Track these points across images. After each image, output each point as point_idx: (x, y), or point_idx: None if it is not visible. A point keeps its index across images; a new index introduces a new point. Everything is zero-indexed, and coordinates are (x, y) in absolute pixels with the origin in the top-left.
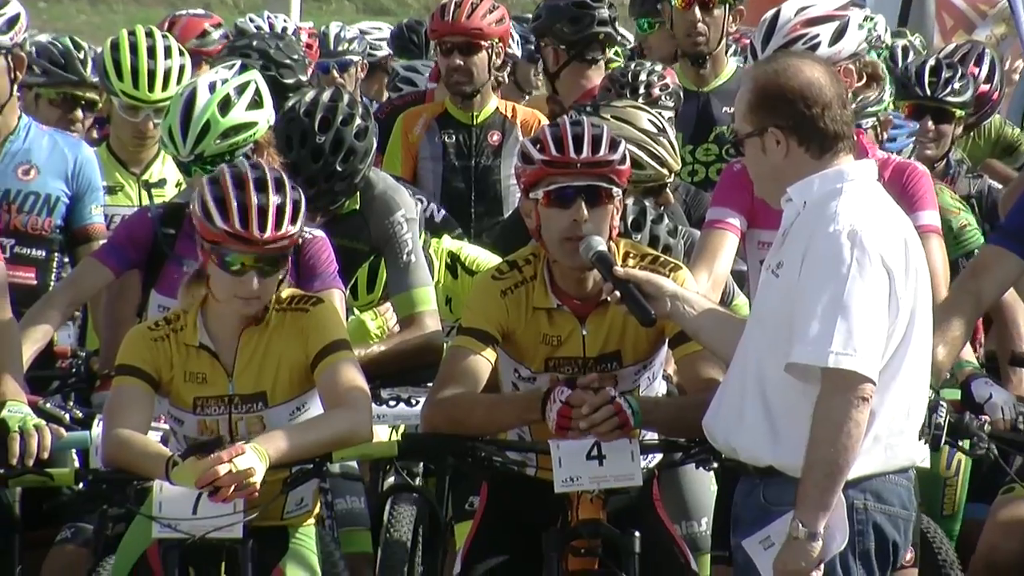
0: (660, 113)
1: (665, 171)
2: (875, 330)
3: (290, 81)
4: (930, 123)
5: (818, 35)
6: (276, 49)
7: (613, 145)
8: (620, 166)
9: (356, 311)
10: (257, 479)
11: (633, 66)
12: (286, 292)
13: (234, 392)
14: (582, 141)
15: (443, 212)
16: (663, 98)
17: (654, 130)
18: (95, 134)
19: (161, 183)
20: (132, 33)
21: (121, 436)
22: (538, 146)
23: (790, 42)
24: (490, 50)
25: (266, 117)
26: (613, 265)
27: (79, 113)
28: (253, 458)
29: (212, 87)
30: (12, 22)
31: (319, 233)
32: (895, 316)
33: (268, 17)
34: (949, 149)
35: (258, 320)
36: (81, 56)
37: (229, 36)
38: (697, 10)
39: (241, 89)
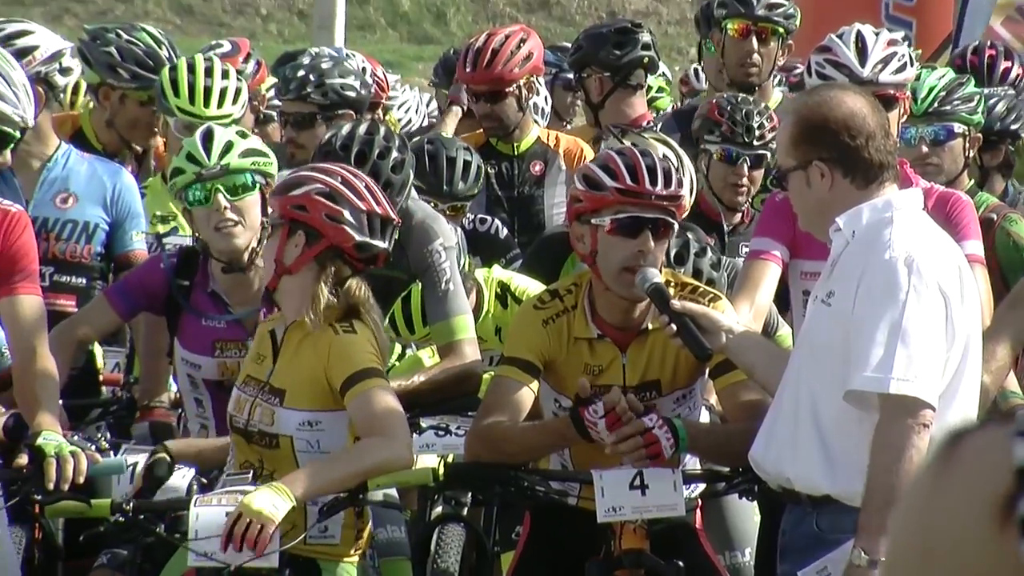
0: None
1: None
2: (934, 356)
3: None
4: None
5: (905, 56)
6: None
7: (680, 180)
8: (683, 202)
9: (413, 347)
10: (271, 527)
11: (740, 102)
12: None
13: (268, 380)
14: (656, 173)
15: (505, 230)
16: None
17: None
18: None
19: None
20: (189, 59)
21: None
22: (610, 173)
23: (888, 57)
24: (518, 92)
25: (274, 162)
26: (669, 298)
27: None
28: (270, 501)
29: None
30: (24, 52)
31: None
32: (951, 343)
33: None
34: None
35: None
36: (164, 53)
37: (261, 63)
38: (754, 40)
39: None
